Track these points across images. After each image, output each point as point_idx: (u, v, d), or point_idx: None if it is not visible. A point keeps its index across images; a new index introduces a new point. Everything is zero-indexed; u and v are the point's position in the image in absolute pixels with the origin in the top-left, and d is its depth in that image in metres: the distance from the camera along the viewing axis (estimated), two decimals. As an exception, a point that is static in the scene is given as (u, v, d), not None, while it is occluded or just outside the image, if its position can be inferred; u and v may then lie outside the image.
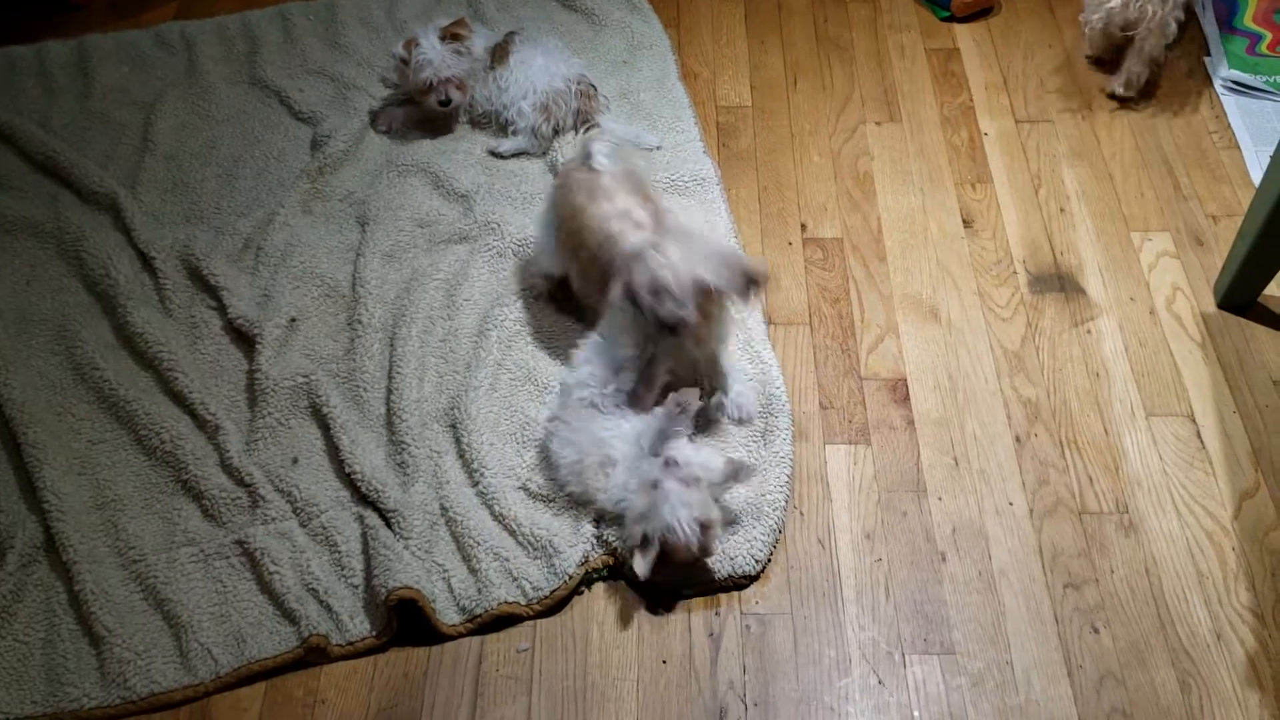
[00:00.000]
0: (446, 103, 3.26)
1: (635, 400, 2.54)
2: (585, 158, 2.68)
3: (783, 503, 2.51)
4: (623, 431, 2.47)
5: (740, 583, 2.42)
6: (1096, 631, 2.33)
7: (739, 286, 2.40)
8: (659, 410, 2.47)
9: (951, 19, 3.70)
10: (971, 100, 3.45)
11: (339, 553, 2.45)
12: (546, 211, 2.79)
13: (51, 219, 3.11)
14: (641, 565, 2.30)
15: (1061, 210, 3.12)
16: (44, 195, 3.19)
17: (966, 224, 3.09)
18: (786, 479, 2.55)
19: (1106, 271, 2.97)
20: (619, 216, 2.56)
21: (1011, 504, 2.53)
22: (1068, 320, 2.87)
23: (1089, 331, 2.84)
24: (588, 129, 3.30)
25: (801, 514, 2.54)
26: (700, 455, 2.42)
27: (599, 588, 2.45)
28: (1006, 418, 2.68)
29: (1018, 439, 2.64)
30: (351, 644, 2.34)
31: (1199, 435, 2.64)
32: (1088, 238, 3.05)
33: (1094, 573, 2.42)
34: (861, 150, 3.31)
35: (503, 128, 3.34)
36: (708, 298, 2.38)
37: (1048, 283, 2.95)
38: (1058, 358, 2.79)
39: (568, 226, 2.66)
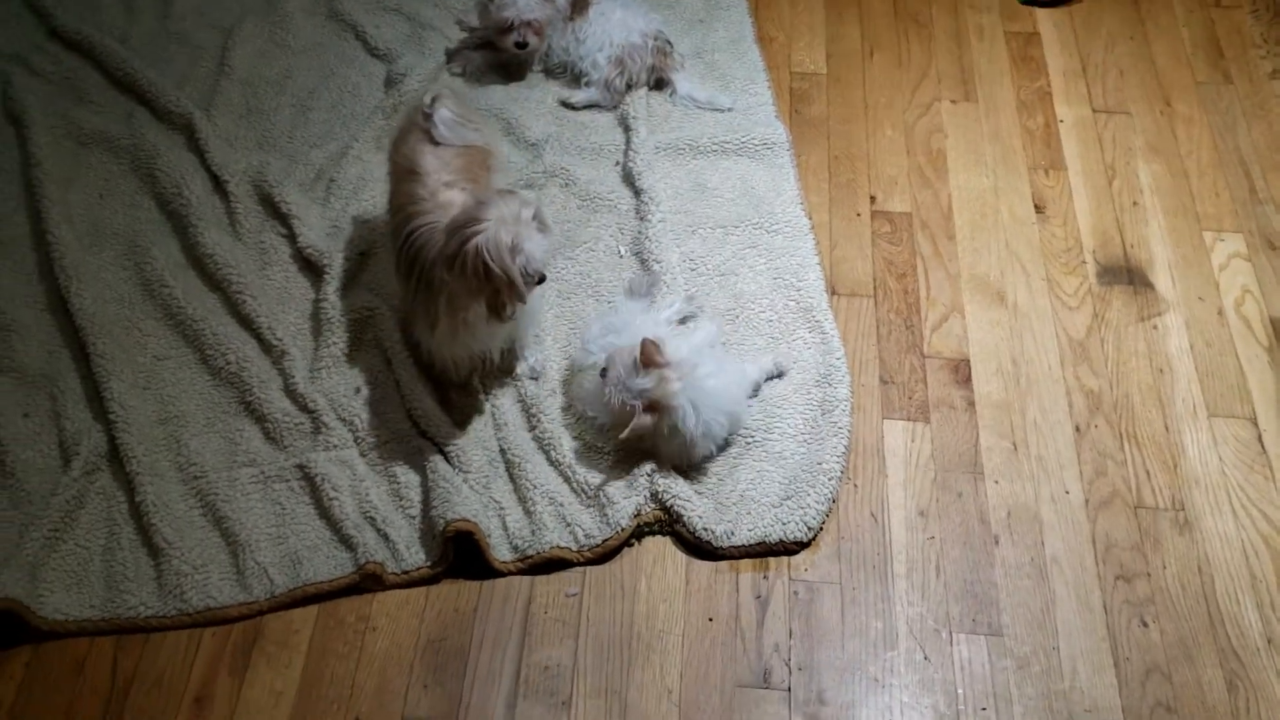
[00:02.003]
0: (523, 45, 3.24)
1: None
2: (426, 119, 2.57)
3: (838, 473, 2.52)
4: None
5: (791, 548, 2.44)
6: (1145, 625, 2.34)
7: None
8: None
9: (1033, 3, 3.67)
10: (1049, 86, 3.42)
11: (398, 483, 2.47)
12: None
13: (127, 135, 3.12)
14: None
15: (1134, 203, 3.10)
16: (120, 111, 3.21)
17: (1038, 209, 3.08)
18: (844, 449, 2.56)
19: (1176, 268, 2.95)
20: (426, 197, 2.46)
21: (1068, 492, 2.53)
22: (1134, 314, 2.85)
23: (1155, 327, 2.83)
24: (661, 84, 3.31)
25: (855, 486, 2.54)
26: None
27: (649, 541, 2.46)
28: (1068, 406, 2.67)
29: (1078, 428, 2.64)
30: (406, 573, 2.37)
31: (1260, 439, 2.63)
32: (1159, 233, 3.03)
33: (1146, 567, 2.42)
34: (935, 127, 3.29)
35: (576, 79, 3.33)
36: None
37: (1116, 275, 2.94)
38: (1122, 351, 2.78)
39: (394, 178, 2.62)
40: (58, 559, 2.37)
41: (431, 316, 2.41)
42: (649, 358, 2.36)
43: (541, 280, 2.36)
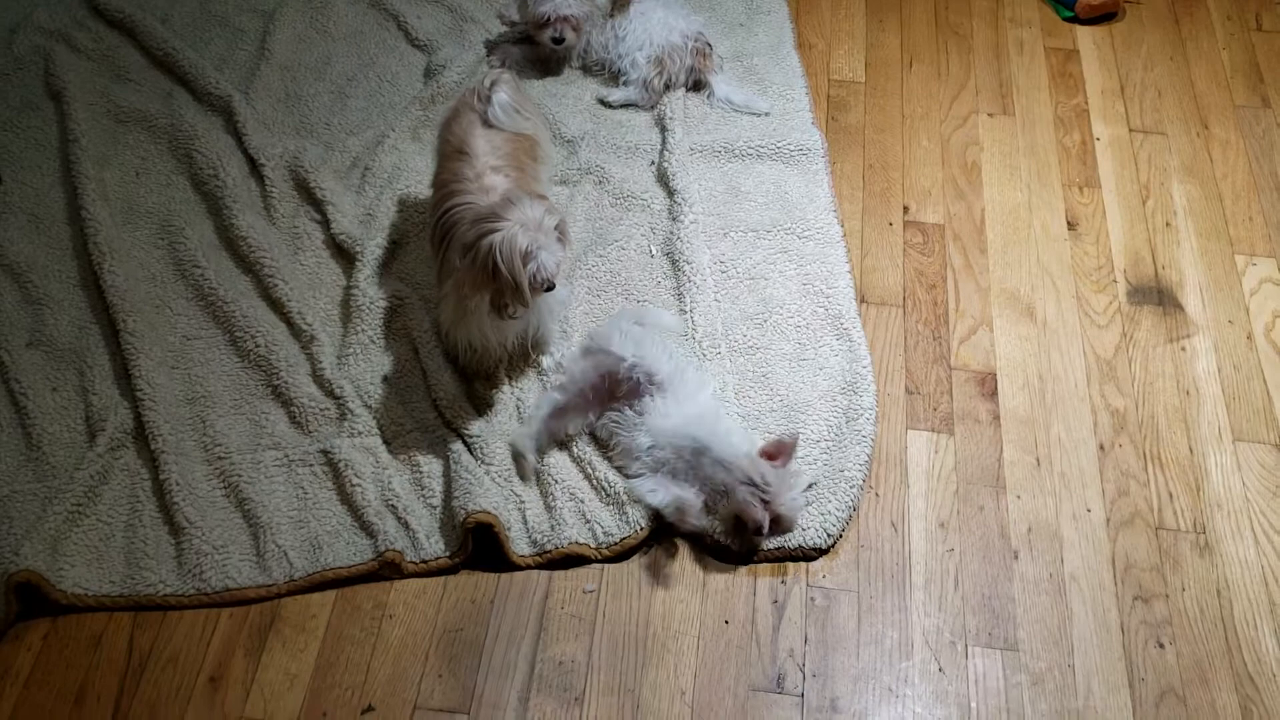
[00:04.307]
0: (560, 40, 3.25)
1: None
2: (484, 101, 2.62)
3: (860, 481, 2.52)
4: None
5: (809, 554, 2.44)
6: (1162, 647, 2.33)
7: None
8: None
9: (1074, 20, 3.66)
10: (1087, 103, 3.41)
11: (420, 473, 2.48)
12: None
13: (165, 115, 3.14)
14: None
15: (1167, 224, 3.09)
16: (160, 91, 3.23)
17: (1071, 226, 3.07)
18: (866, 458, 2.55)
19: (1207, 291, 2.94)
20: (472, 178, 2.51)
21: (1089, 511, 2.52)
22: (1163, 335, 2.84)
23: (1183, 349, 2.82)
24: (698, 85, 3.31)
25: (877, 495, 2.54)
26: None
27: (668, 543, 2.46)
28: (1093, 424, 2.66)
29: (1102, 447, 2.63)
30: (425, 562, 2.38)
31: (1285, 465, 2.63)
32: (1191, 255, 3.02)
33: (1165, 588, 2.41)
34: (971, 140, 3.29)
35: (614, 77, 3.34)
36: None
37: (1146, 295, 2.92)
38: (1150, 371, 2.77)
39: (436, 162, 2.66)
40: (79, 533, 2.39)
41: (442, 294, 2.47)
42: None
43: (550, 289, 2.37)
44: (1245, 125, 3.36)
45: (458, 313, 2.48)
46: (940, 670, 2.29)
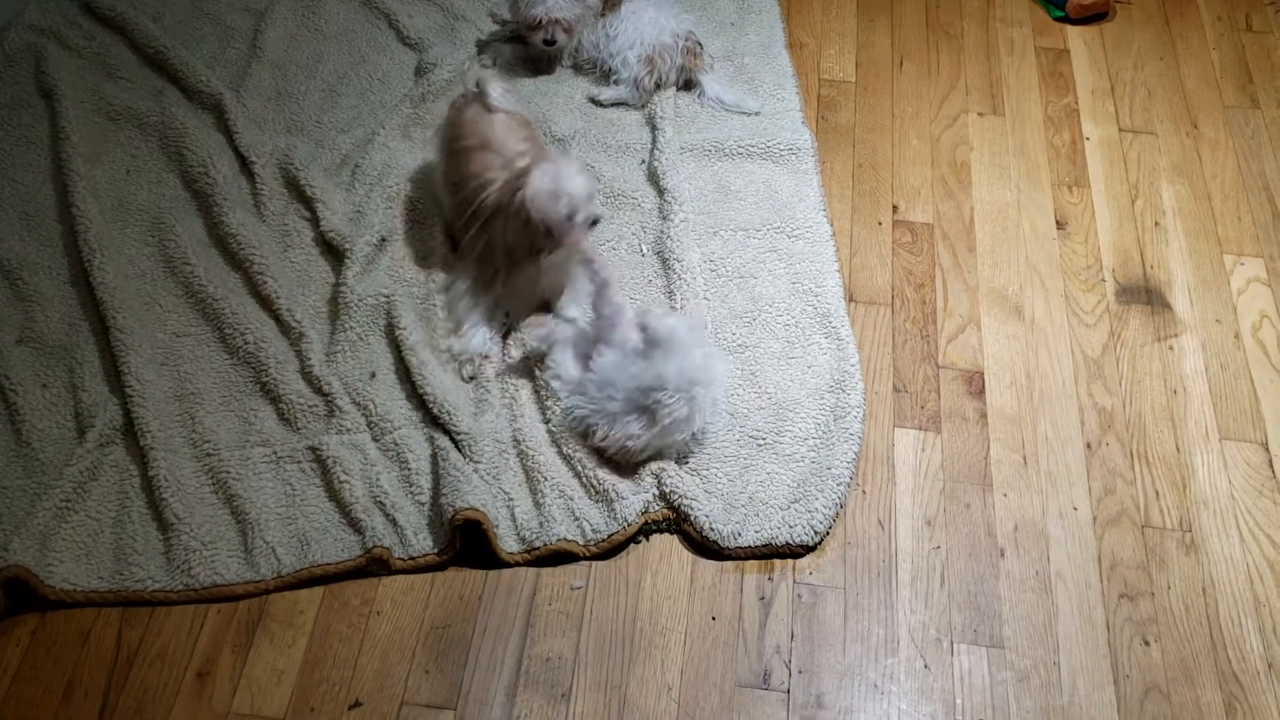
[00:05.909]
0: (551, 42, 3.26)
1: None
2: (479, 95, 2.72)
3: (847, 479, 2.52)
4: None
5: (796, 551, 2.44)
6: (1147, 644, 2.34)
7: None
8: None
9: (1065, 20, 3.66)
10: (1077, 103, 3.42)
11: (408, 470, 2.48)
12: (436, 139, 2.88)
13: (156, 112, 3.14)
14: None
15: (1156, 224, 3.10)
16: (151, 89, 3.23)
17: (1060, 225, 3.08)
18: (853, 456, 2.56)
19: (1195, 290, 2.95)
20: (502, 165, 2.63)
21: (1076, 509, 2.53)
22: (1151, 334, 2.85)
23: (1171, 348, 2.83)
24: (689, 85, 3.31)
25: (864, 493, 2.55)
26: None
27: (656, 539, 2.47)
28: (1080, 423, 2.67)
29: (1089, 445, 2.64)
30: (413, 559, 2.38)
31: (1271, 464, 2.63)
32: (1179, 255, 3.03)
33: (1150, 586, 2.42)
34: (961, 139, 3.29)
35: (605, 76, 3.34)
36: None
37: (1135, 294, 2.93)
38: (1137, 370, 2.78)
39: (452, 162, 2.74)
40: (68, 529, 2.39)
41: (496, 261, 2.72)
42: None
43: (595, 223, 2.61)
44: (1234, 125, 3.37)
45: (509, 281, 2.71)
46: (926, 667, 2.30)
